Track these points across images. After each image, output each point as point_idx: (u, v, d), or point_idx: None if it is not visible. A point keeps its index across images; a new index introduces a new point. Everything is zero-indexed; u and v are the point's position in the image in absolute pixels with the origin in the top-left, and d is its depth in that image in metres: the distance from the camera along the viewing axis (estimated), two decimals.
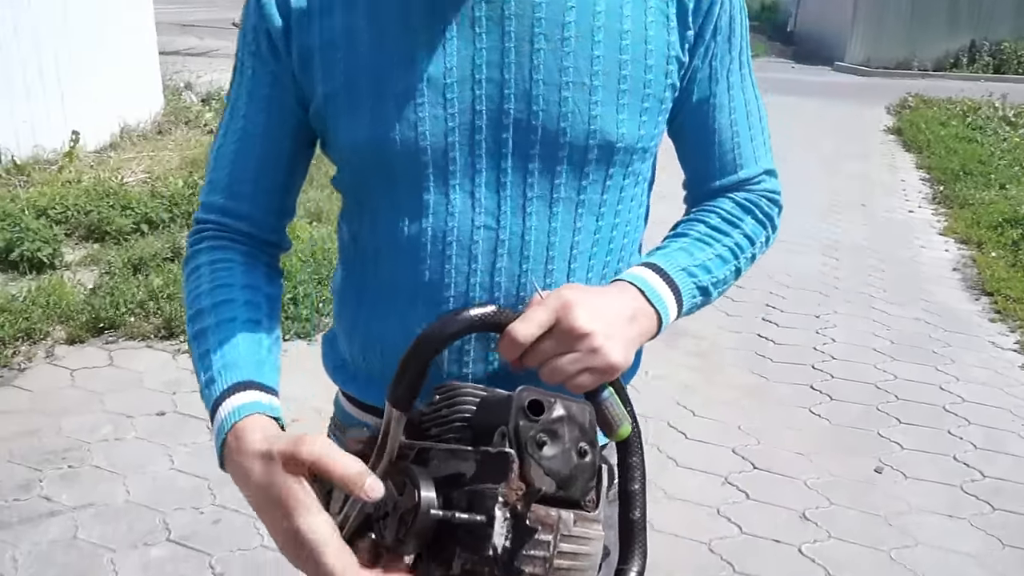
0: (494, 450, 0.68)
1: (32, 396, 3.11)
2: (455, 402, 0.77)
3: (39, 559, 2.25)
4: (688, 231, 0.95)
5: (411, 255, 0.87)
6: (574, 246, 0.88)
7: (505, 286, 0.86)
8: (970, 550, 2.47)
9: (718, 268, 0.92)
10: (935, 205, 6.51)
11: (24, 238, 4.07)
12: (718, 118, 0.95)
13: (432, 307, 0.87)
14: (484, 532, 0.65)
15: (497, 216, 0.85)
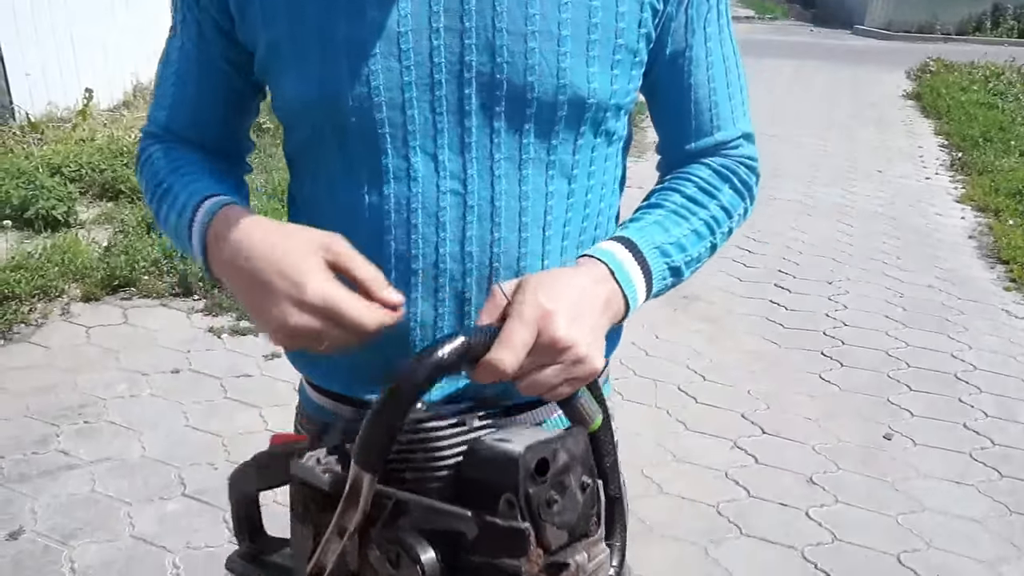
0: (504, 523, 0.64)
1: (48, 352, 3.15)
2: (433, 447, 0.71)
3: (58, 511, 2.30)
4: (663, 201, 0.88)
5: (373, 225, 0.81)
6: (548, 211, 0.83)
7: (477, 255, 0.81)
8: (976, 515, 2.48)
9: (693, 245, 0.87)
10: (952, 172, 6.42)
11: (39, 196, 4.08)
12: (694, 73, 0.88)
13: (401, 281, 0.81)
14: None
15: (464, 180, 0.80)
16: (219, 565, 2.12)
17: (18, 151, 4.88)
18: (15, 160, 4.55)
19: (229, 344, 3.28)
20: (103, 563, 2.12)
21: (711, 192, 0.89)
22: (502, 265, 0.82)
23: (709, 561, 2.24)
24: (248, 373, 3.07)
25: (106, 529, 2.24)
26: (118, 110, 6.16)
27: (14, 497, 2.34)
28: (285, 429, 2.71)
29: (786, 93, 9.08)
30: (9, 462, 2.49)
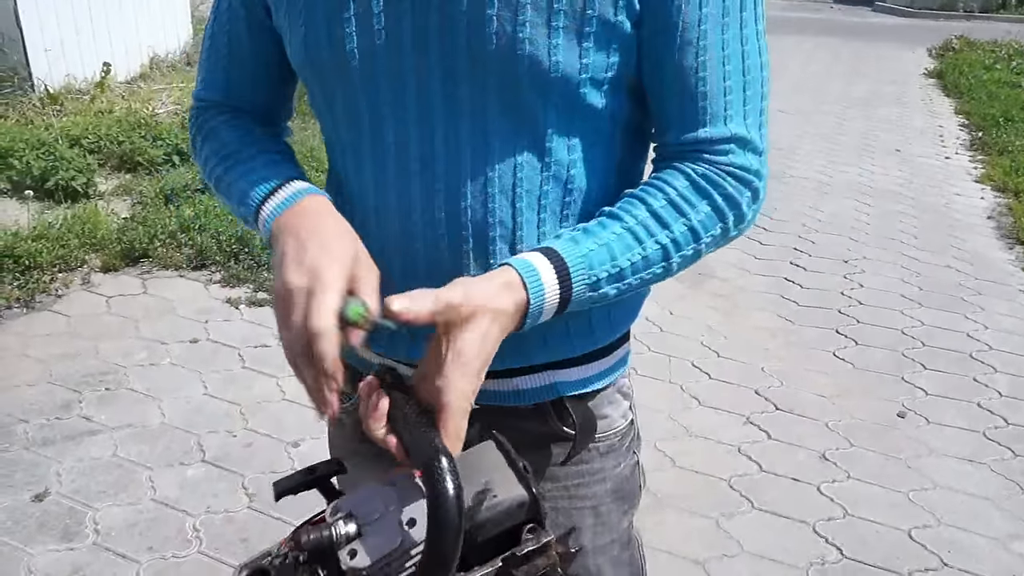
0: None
1: (70, 321, 3.19)
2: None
3: (82, 474, 2.35)
4: (624, 214, 0.80)
5: (358, 184, 0.85)
6: (517, 183, 0.80)
7: (446, 224, 0.82)
8: (989, 494, 2.49)
9: (634, 273, 0.79)
10: (972, 152, 6.36)
11: (59, 167, 4.12)
12: (681, 56, 0.78)
13: (379, 245, 0.82)
14: None
15: (432, 149, 0.80)
16: (238, 529, 2.17)
17: (38, 122, 4.92)
18: (35, 131, 4.58)
19: (246, 315, 3.31)
20: (126, 524, 2.16)
21: (682, 208, 0.79)
22: (471, 234, 0.81)
23: (721, 533, 2.26)
24: (266, 343, 3.10)
25: (128, 492, 2.28)
26: (135, 83, 6.18)
27: (39, 460, 2.39)
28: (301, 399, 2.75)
29: (805, 70, 8.98)
30: (33, 426, 2.54)
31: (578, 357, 0.92)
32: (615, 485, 0.99)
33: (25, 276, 3.36)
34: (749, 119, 0.80)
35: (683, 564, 2.14)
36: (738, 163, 0.80)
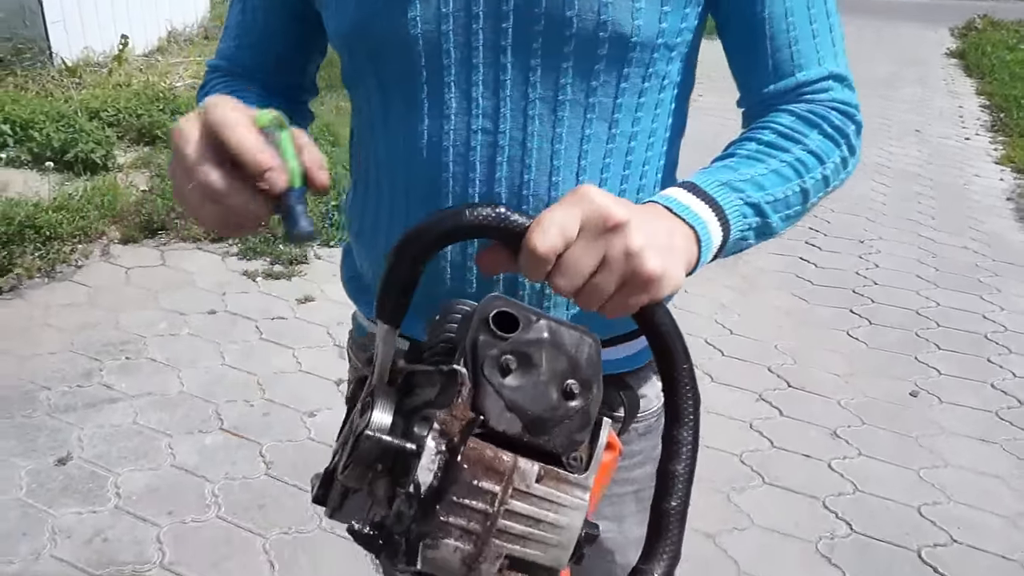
0: (447, 368, 0.57)
1: (90, 292, 3.24)
2: (446, 319, 0.64)
3: (103, 440, 2.39)
4: (736, 150, 0.79)
5: (407, 160, 0.80)
6: (582, 155, 0.78)
7: (505, 197, 0.78)
8: (999, 472, 2.50)
9: (774, 185, 0.75)
10: (993, 133, 6.29)
11: (79, 139, 4.15)
12: (768, 5, 0.79)
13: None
14: (410, 463, 0.54)
15: (496, 119, 0.77)
16: (255, 495, 2.22)
17: (57, 95, 4.95)
18: (55, 104, 4.62)
19: (263, 287, 3.35)
20: (147, 489, 2.21)
21: (795, 137, 0.78)
22: (531, 208, 0.78)
23: (731, 507, 2.29)
24: (282, 316, 3.14)
25: (148, 458, 2.33)
26: (153, 56, 6.20)
27: (61, 426, 2.44)
28: (318, 371, 2.76)
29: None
30: (56, 393, 2.59)
31: (623, 335, 0.89)
32: (655, 467, 0.95)
33: (46, 247, 3.41)
34: (839, 57, 0.82)
35: (694, 536, 2.16)
36: (840, 98, 0.81)
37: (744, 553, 2.12)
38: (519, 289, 0.81)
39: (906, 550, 2.16)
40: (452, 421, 0.54)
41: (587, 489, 0.58)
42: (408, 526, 0.54)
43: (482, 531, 0.53)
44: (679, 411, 0.64)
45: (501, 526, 0.54)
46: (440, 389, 0.58)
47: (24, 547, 2.00)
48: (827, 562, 2.11)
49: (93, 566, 1.96)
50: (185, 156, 0.61)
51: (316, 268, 3.53)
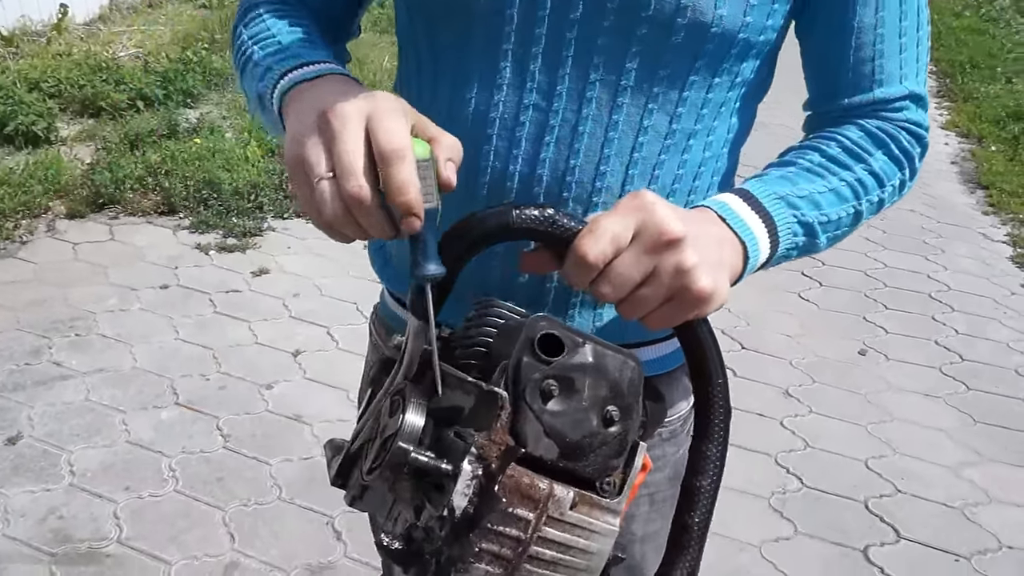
0: (487, 387, 0.55)
1: (36, 268, 3.16)
2: (483, 322, 0.62)
3: (55, 418, 2.35)
4: (797, 159, 0.75)
5: (449, 129, 0.71)
6: (636, 147, 0.73)
7: (547, 180, 0.73)
8: (943, 425, 2.59)
9: (830, 205, 0.73)
10: (939, 99, 6.42)
11: (18, 111, 4.01)
12: (860, 14, 0.74)
13: (465, 194, 0.74)
14: (445, 485, 0.53)
15: (550, 96, 0.72)
16: (214, 468, 2.20)
17: None
18: None
19: (217, 260, 3.30)
20: (102, 466, 2.18)
21: (859, 155, 0.75)
22: (572, 196, 0.73)
23: None
24: (237, 288, 3.10)
25: (102, 435, 2.30)
26: (94, 24, 6.00)
27: (10, 405, 2.39)
28: (274, 343, 2.73)
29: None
30: (4, 372, 2.53)
31: (656, 338, 0.85)
32: (673, 472, 0.91)
33: None
34: (920, 75, 0.78)
35: None
36: (913, 119, 0.78)
37: None
38: (547, 281, 0.78)
39: (854, 501, 2.24)
40: (490, 446, 0.52)
41: (618, 514, 0.57)
42: (439, 547, 0.53)
43: (513, 557, 0.52)
44: (709, 426, 0.64)
45: (533, 552, 0.53)
46: (476, 404, 0.56)
47: None
48: (779, 516, 2.18)
49: (49, 544, 1.94)
50: (344, 156, 0.56)
51: (270, 240, 3.48)
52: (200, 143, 3.99)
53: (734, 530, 2.11)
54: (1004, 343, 3.08)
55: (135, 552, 1.93)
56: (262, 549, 1.97)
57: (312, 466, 2.22)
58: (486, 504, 0.52)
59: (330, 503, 2.09)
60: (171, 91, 4.63)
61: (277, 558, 1.94)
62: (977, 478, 2.36)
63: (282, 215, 3.66)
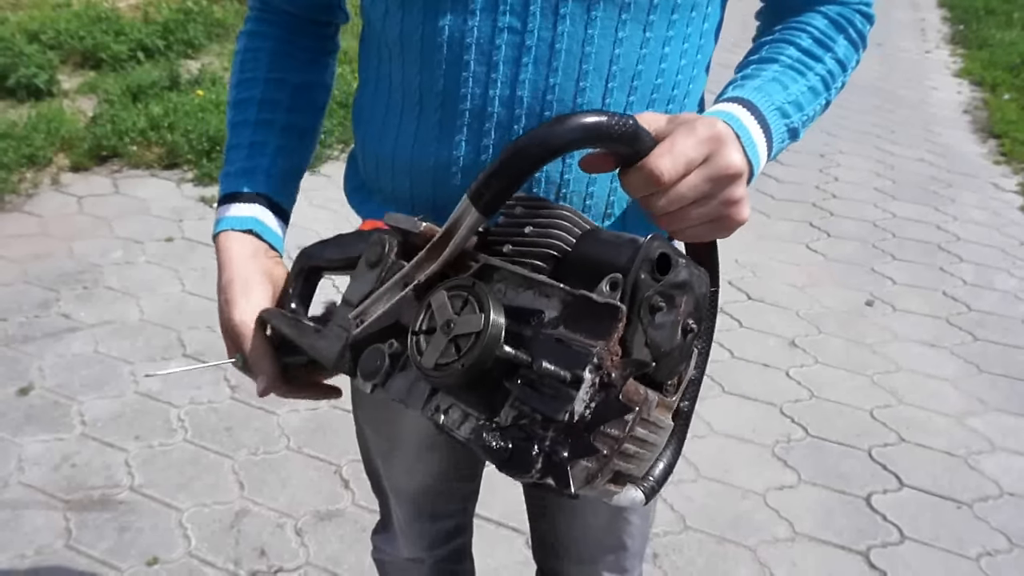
0: (601, 299, 0.55)
1: (41, 221, 3.16)
2: (547, 223, 0.63)
3: (64, 369, 2.37)
4: (777, 55, 0.79)
5: (424, 58, 0.76)
6: (614, 60, 0.73)
7: (528, 101, 0.74)
8: (948, 375, 2.59)
9: (809, 103, 0.78)
10: (953, 46, 6.30)
11: (19, 63, 3.98)
12: None
13: (447, 121, 0.76)
14: (563, 393, 0.53)
15: (524, 16, 0.72)
16: (221, 418, 2.23)
17: None
18: None
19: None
20: (111, 416, 2.21)
21: (827, 44, 0.81)
22: (553, 114, 0.74)
23: None
24: None
25: (111, 386, 2.32)
26: None
27: (20, 357, 2.41)
28: None
29: None
30: (13, 324, 2.55)
31: None
32: None
33: None
34: None
35: None
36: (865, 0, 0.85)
37: (703, 458, 2.19)
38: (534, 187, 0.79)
39: (857, 449, 2.25)
40: (607, 355, 0.54)
41: (671, 409, 0.60)
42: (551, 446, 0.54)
43: (609, 453, 0.55)
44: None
45: (623, 448, 0.55)
46: (567, 310, 0.57)
47: None
48: (783, 464, 2.19)
49: (63, 491, 1.97)
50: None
51: None
52: (202, 95, 3.96)
53: (738, 478, 2.13)
54: (1012, 293, 3.07)
55: (147, 499, 1.96)
56: (270, 496, 2.00)
57: (318, 416, 2.24)
58: (606, 410, 0.54)
59: (337, 451, 2.11)
60: (172, 42, 4.58)
61: (285, 505, 1.97)
62: (980, 427, 2.37)
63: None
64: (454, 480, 1.12)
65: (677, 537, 1.95)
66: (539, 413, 0.54)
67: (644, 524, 1.09)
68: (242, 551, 1.85)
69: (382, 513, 1.25)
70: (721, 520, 2.00)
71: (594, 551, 1.09)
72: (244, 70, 0.91)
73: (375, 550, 1.31)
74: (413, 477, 1.10)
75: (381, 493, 1.20)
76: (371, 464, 1.16)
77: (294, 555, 1.85)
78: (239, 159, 0.88)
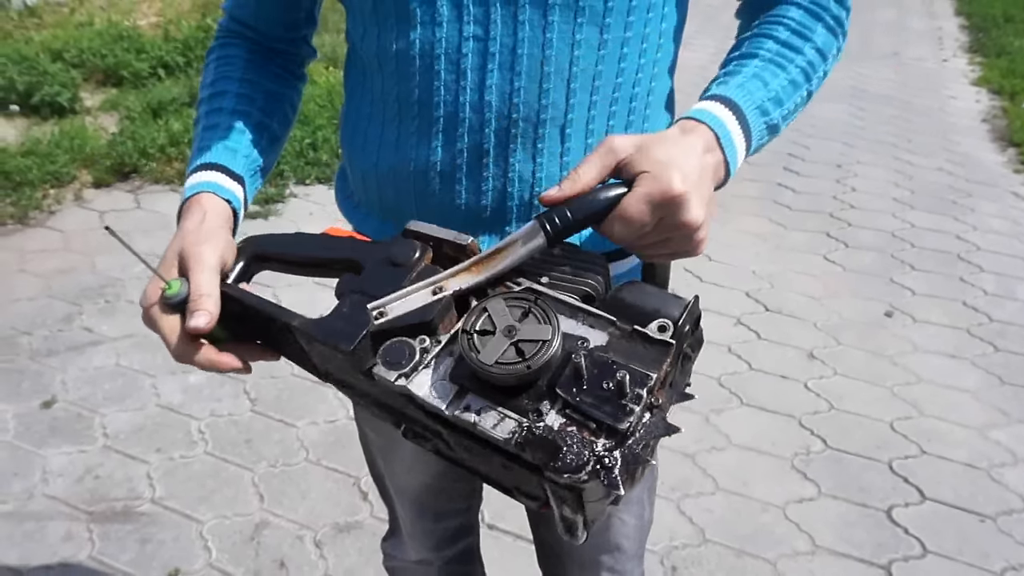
0: (655, 335, 0.62)
1: (64, 236, 3.20)
2: (586, 267, 0.69)
3: (87, 382, 2.40)
4: (757, 50, 0.81)
5: (400, 71, 0.81)
6: (574, 62, 0.77)
7: (496, 105, 0.78)
8: (968, 386, 2.57)
9: (790, 97, 0.80)
10: (971, 54, 6.26)
11: (43, 82, 4.05)
12: None
13: (422, 129, 0.81)
14: (622, 406, 0.58)
15: (486, 25, 0.76)
16: (242, 430, 2.25)
17: (17, 36, 4.80)
18: (15, 45, 4.48)
19: (240, 227, 3.32)
20: (133, 428, 2.23)
21: (805, 35, 0.82)
22: (521, 117, 0.79)
23: (709, 427, 2.35)
24: None
25: (133, 399, 2.35)
26: None
27: (44, 370, 2.44)
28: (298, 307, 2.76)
29: None
30: (37, 338, 2.58)
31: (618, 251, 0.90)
32: None
33: (17, 193, 3.36)
34: None
35: (673, 456, 2.22)
36: None
37: (722, 471, 2.18)
38: (482, 199, 0.83)
39: (878, 462, 2.24)
40: (661, 380, 0.61)
41: None
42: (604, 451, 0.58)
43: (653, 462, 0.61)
44: None
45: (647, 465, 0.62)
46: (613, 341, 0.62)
47: (17, 486, 2.03)
48: (802, 476, 2.18)
49: (86, 503, 1.99)
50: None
51: (292, 206, 3.50)
52: None
53: (757, 491, 2.12)
54: None
55: (168, 511, 1.98)
56: (290, 508, 2.01)
57: (337, 429, 2.25)
58: (654, 428, 0.60)
59: (356, 464, 2.12)
60: (191, 59, 4.63)
61: (305, 517, 1.99)
62: (1003, 439, 2.34)
63: (303, 181, 3.68)
64: (453, 478, 1.13)
65: (696, 550, 1.94)
66: (595, 421, 0.58)
67: (639, 525, 1.10)
68: (262, 563, 1.86)
69: (390, 519, 1.27)
70: (740, 533, 1.99)
71: (592, 553, 1.10)
72: (219, 70, 0.93)
73: (386, 557, 1.33)
74: (414, 475, 1.12)
75: (387, 497, 1.22)
76: (375, 466, 1.18)
77: (313, 567, 1.86)
78: (217, 138, 0.87)
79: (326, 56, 4.75)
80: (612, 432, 0.57)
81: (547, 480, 0.58)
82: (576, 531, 0.63)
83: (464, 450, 0.64)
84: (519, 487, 0.65)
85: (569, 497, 0.59)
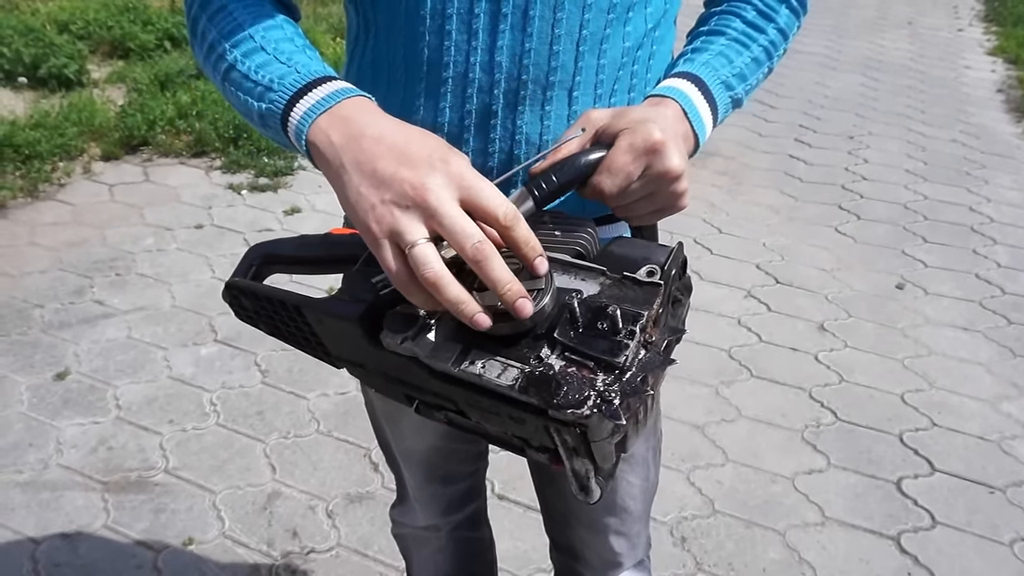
0: (644, 279, 0.65)
1: (74, 209, 3.21)
2: (574, 229, 0.72)
3: (99, 355, 2.42)
4: (724, 28, 0.86)
5: (409, 31, 0.81)
6: (583, 24, 0.79)
7: (506, 66, 0.79)
8: (981, 359, 2.56)
9: (752, 73, 0.85)
10: (987, 23, 6.17)
11: (50, 54, 4.03)
12: None
13: (431, 90, 0.81)
14: (617, 343, 0.60)
15: None
16: (253, 402, 2.26)
17: (24, 7, 4.78)
18: (21, 17, 4.46)
19: (249, 200, 3.32)
20: (146, 400, 2.25)
21: (769, 16, 0.87)
22: (530, 78, 0.80)
23: (720, 399, 2.35)
24: (269, 227, 3.12)
25: (145, 371, 2.36)
26: None
27: (57, 342, 2.46)
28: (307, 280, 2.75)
29: None
30: (49, 311, 2.60)
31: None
32: None
33: (27, 166, 3.36)
34: None
35: (683, 428, 2.23)
36: None
37: (732, 443, 2.18)
38: (488, 162, 0.83)
39: (888, 434, 2.24)
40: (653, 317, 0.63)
41: None
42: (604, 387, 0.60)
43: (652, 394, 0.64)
44: None
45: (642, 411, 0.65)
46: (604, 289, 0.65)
47: (32, 457, 2.05)
48: (812, 448, 2.18)
49: (100, 473, 2.01)
50: (456, 222, 0.59)
51: (301, 179, 3.50)
52: None
53: (767, 462, 2.12)
54: None
55: (181, 481, 2.00)
56: (302, 479, 2.02)
57: (347, 400, 2.26)
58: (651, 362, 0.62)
59: (367, 435, 2.13)
60: None
61: (316, 487, 2.00)
62: (1015, 411, 2.33)
63: None
64: (461, 440, 1.14)
65: (706, 521, 1.95)
66: (593, 359, 0.60)
67: (645, 486, 1.10)
68: (275, 532, 1.88)
69: (398, 486, 1.28)
70: (750, 504, 2.00)
71: (598, 514, 1.10)
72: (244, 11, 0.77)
73: (394, 525, 1.34)
74: (421, 437, 1.12)
75: (394, 464, 1.22)
76: (382, 435, 1.19)
77: (326, 536, 1.88)
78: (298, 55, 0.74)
79: (332, 27, 4.71)
80: (609, 367, 0.60)
81: (552, 422, 0.60)
82: (589, 487, 0.65)
83: (473, 407, 0.66)
84: (529, 441, 0.66)
85: (576, 441, 0.61)
